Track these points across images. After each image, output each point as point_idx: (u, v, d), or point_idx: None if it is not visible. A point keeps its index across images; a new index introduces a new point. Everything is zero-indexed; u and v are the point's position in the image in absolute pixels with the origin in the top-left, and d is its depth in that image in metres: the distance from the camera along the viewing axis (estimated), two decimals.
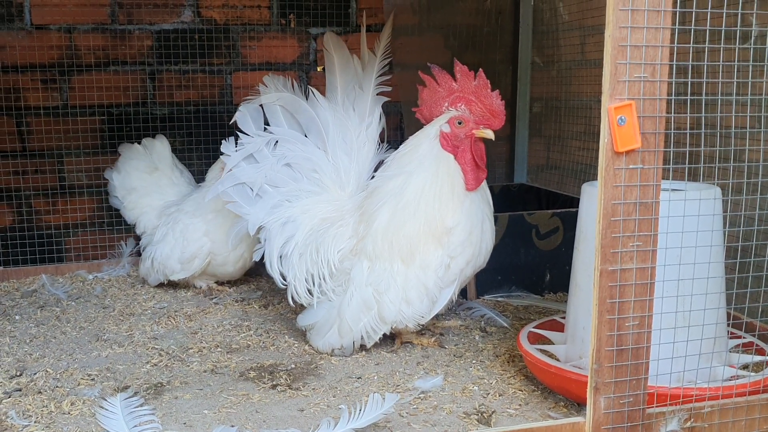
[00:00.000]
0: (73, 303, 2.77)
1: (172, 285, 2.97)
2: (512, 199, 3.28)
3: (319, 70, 3.40)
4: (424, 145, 2.11)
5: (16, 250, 3.15)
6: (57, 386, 2.01)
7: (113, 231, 3.27)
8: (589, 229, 1.86)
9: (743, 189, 1.75)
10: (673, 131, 1.50)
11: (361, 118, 2.32)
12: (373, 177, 2.29)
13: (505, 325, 2.44)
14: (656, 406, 1.58)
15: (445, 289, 2.11)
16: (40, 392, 1.97)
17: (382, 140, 2.39)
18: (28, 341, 2.37)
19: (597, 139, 1.45)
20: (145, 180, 3.04)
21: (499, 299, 2.70)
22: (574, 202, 2.95)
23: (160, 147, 3.07)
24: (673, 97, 1.46)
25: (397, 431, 1.74)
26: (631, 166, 1.47)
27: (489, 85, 2.03)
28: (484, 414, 1.81)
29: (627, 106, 1.43)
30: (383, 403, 1.74)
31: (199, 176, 3.25)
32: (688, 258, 1.64)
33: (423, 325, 2.22)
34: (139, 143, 3.10)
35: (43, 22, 3.09)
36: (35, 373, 2.09)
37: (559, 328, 2.11)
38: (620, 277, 1.52)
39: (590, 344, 1.56)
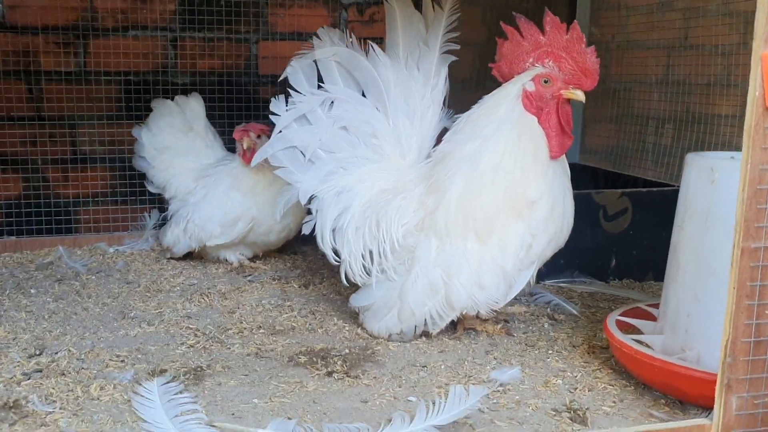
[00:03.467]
0: (93, 277, 2.54)
1: (202, 261, 2.74)
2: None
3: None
4: (504, 105, 1.87)
5: (30, 219, 2.93)
6: (82, 368, 1.79)
7: (128, 203, 3.04)
8: (697, 203, 1.63)
9: None
10: None
11: (426, 78, 2.07)
12: (434, 148, 2.05)
13: (575, 312, 2.21)
14: None
15: (523, 271, 1.88)
16: (63, 374, 1.75)
17: (443, 105, 2.15)
18: (46, 317, 2.14)
19: (645, 124, 1.23)
20: (179, 139, 2.80)
21: (562, 285, 2.47)
22: (638, 182, 2.73)
23: (195, 105, 2.84)
24: None
25: (481, 428, 1.52)
26: None
27: (584, 40, 1.79)
28: (577, 412, 1.58)
29: None
30: (467, 398, 1.51)
31: None
32: None
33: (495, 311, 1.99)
34: (172, 100, 2.86)
35: None
36: (57, 353, 1.87)
37: (646, 316, 1.90)
38: (764, 256, 1.29)
39: (723, 334, 1.34)
